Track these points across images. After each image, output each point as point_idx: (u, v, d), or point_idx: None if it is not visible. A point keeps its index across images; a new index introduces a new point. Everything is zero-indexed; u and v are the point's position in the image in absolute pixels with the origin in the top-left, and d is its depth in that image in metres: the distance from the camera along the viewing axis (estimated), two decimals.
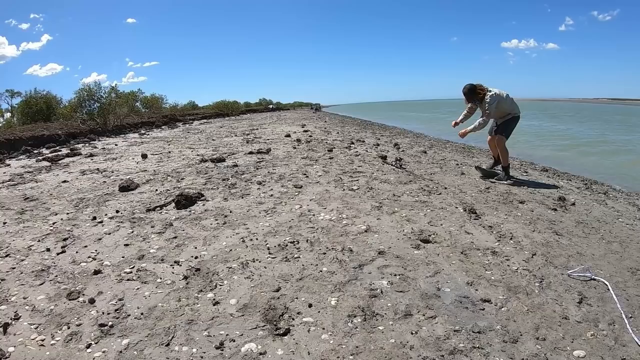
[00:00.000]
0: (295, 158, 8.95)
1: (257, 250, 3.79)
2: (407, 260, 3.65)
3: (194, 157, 9.21)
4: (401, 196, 5.85)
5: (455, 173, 8.09)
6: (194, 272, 3.31)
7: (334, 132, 17.57)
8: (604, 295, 3.24)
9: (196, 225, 4.45)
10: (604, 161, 14.30)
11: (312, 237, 4.14)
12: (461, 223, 4.78)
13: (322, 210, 5.06)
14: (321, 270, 3.40)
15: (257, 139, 13.66)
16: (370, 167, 8.10)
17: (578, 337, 2.65)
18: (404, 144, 13.52)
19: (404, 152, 11.34)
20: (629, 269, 3.82)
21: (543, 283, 3.40)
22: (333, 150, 10.46)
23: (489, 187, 6.85)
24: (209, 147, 11.66)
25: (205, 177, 6.88)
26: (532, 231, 4.71)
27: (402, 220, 4.78)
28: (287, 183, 6.39)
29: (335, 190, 6.01)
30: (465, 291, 3.16)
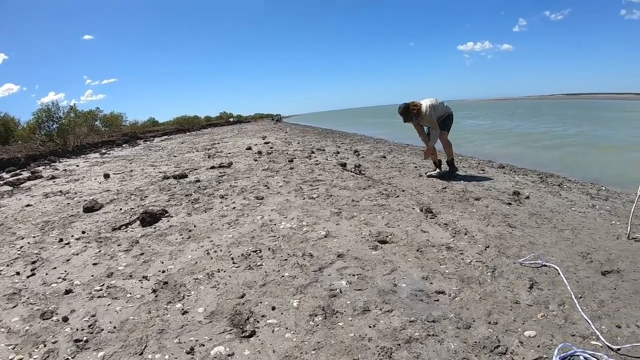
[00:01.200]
0: (257, 170, 9.05)
1: (222, 260, 3.91)
2: (365, 261, 3.82)
3: (157, 175, 9.21)
4: (360, 201, 6.02)
5: (413, 175, 8.33)
6: (162, 285, 3.41)
7: (294, 143, 17.67)
8: (555, 279, 3.48)
9: (162, 241, 4.53)
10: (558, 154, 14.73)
11: (273, 245, 4.27)
12: (417, 223, 4.97)
13: (283, 219, 5.19)
14: (283, 276, 3.54)
15: (219, 153, 13.68)
16: (330, 175, 8.27)
17: (529, 319, 2.85)
18: (363, 151, 13.70)
19: (364, 158, 11.52)
20: (580, 253, 4.09)
21: (495, 272, 3.61)
22: (294, 160, 10.60)
23: (446, 187, 7.08)
24: (170, 163, 11.64)
25: (169, 193, 6.93)
26: (487, 225, 4.93)
27: (361, 223, 4.95)
28: (249, 195, 6.49)
29: (295, 200, 6.15)
30: (420, 285, 3.33)
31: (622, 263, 3.86)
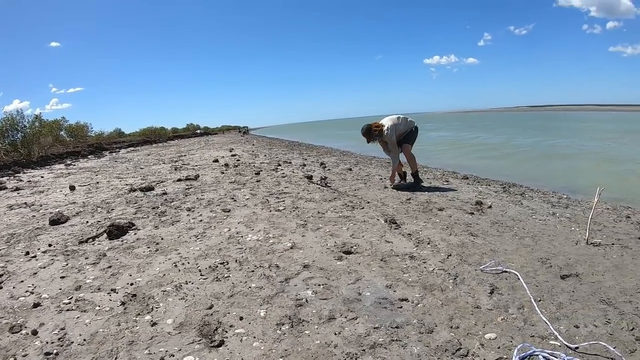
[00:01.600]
0: (224, 183, 9.06)
1: (189, 273, 3.92)
2: (330, 271, 3.89)
3: (123, 187, 9.13)
4: (325, 213, 6.10)
5: (378, 187, 8.43)
6: (130, 297, 3.42)
7: (261, 155, 17.70)
8: (515, 284, 3.60)
9: (129, 254, 4.52)
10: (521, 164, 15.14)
11: (240, 257, 4.31)
12: (382, 233, 5.06)
13: (250, 231, 5.23)
14: (250, 287, 3.58)
15: (186, 166, 13.64)
16: (297, 187, 8.33)
17: (489, 322, 2.95)
18: (330, 163, 13.83)
19: (330, 170, 11.63)
20: (539, 259, 4.25)
21: (457, 279, 3.71)
22: (260, 173, 10.62)
23: (410, 198, 7.19)
24: (137, 176, 11.55)
25: (135, 206, 6.89)
26: (449, 235, 5.05)
27: (326, 235, 5.03)
28: (216, 208, 6.51)
29: (262, 212, 6.19)
30: (384, 293, 3.41)
31: (580, 267, 4.03)
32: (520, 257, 4.34)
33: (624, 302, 3.31)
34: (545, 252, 4.51)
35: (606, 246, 4.72)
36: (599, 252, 4.53)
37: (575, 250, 4.57)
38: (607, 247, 4.68)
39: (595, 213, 5.57)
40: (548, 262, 4.16)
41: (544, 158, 17.54)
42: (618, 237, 5.14)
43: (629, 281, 3.72)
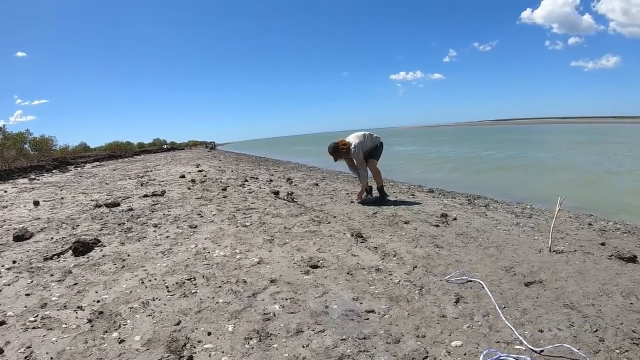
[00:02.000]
0: (190, 199, 9.01)
1: (156, 289, 3.89)
2: (297, 285, 3.90)
3: (88, 203, 8.99)
4: (292, 228, 6.11)
5: (345, 202, 8.49)
6: (97, 315, 3.37)
7: (228, 171, 17.66)
8: (480, 293, 3.67)
9: (95, 271, 4.46)
10: (486, 177, 15.42)
11: (207, 273, 4.29)
12: (348, 247, 5.10)
13: (217, 247, 5.21)
14: (218, 302, 3.57)
15: (152, 181, 13.50)
16: (263, 202, 8.33)
17: (455, 330, 3.00)
18: (296, 178, 13.85)
19: (297, 186, 11.65)
20: (504, 267, 4.34)
21: (423, 290, 3.76)
22: (227, 189, 10.60)
23: (376, 212, 7.26)
24: (103, 191, 11.38)
25: (101, 222, 6.80)
26: (415, 247, 5.10)
27: (293, 250, 5.04)
28: (183, 224, 6.48)
29: (229, 228, 6.18)
30: (351, 306, 3.44)
31: (544, 274, 4.14)
32: (485, 266, 4.42)
33: (587, 305, 3.42)
34: (510, 260, 4.60)
35: (569, 253, 4.87)
36: (562, 259, 4.66)
37: (538, 258, 4.67)
38: (570, 254, 4.82)
39: (558, 222, 5.71)
40: (512, 271, 4.25)
41: (508, 170, 17.91)
42: (580, 244, 5.29)
43: (592, 285, 3.85)
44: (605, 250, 5.10)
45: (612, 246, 5.26)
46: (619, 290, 3.76)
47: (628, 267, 4.41)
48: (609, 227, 6.72)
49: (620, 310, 3.36)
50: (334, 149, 8.14)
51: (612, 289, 3.78)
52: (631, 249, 4.99)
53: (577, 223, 6.79)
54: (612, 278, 4.07)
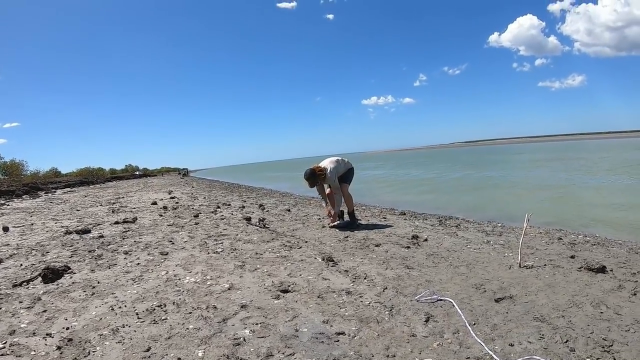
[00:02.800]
0: (162, 226, 8.93)
1: (126, 316, 3.84)
2: (267, 310, 3.87)
3: (59, 229, 8.84)
4: (263, 254, 6.09)
5: (317, 227, 8.50)
6: (66, 342, 3.31)
7: (200, 197, 17.58)
8: (450, 311, 3.70)
9: (65, 298, 4.39)
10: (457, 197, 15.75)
11: (178, 299, 4.24)
12: (319, 271, 5.11)
13: (188, 274, 5.16)
14: (188, 328, 3.53)
15: (123, 208, 13.34)
16: (235, 229, 8.29)
17: (425, 349, 3.01)
18: (269, 205, 13.82)
19: (269, 212, 11.63)
20: (474, 285, 4.39)
21: (393, 311, 3.77)
22: (199, 215, 10.54)
23: (348, 236, 7.29)
24: (73, 218, 11.21)
25: (71, 249, 6.70)
26: (385, 269, 5.13)
27: (264, 275, 5.02)
28: (154, 251, 6.41)
29: (200, 254, 6.13)
30: (321, 328, 3.43)
31: (514, 289, 4.21)
32: (455, 285, 4.46)
33: (557, 317, 3.50)
34: (480, 278, 4.66)
35: (538, 267, 4.99)
36: (532, 273, 4.76)
37: (508, 274, 4.75)
38: (540, 269, 4.94)
39: (528, 238, 5.82)
40: (482, 288, 4.30)
41: (479, 190, 18.22)
42: (550, 258, 5.41)
43: (562, 297, 3.95)
44: (574, 262, 5.23)
45: (581, 258, 5.41)
46: (589, 300, 3.87)
47: (597, 278, 4.56)
48: (579, 240, 6.89)
49: (590, 319, 3.45)
50: (311, 175, 8.09)
51: (582, 300, 3.88)
52: (600, 260, 5.18)
53: (547, 238, 6.92)
54: (581, 289, 4.19)
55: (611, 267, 5.05)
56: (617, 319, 3.48)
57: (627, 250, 6.30)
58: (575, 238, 7.20)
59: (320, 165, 8.26)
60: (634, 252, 6.12)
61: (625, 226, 8.81)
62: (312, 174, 8.08)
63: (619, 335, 3.18)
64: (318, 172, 8.07)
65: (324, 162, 8.36)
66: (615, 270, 4.92)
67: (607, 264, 5.00)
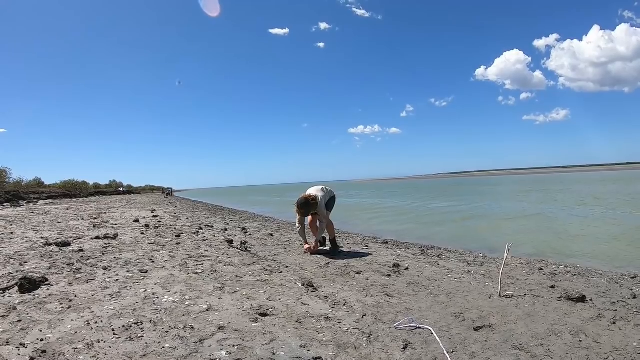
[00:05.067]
0: (143, 243, 8.83)
1: (102, 331, 3.77)
2: (245, 333, 3.84)
3: (38, 240, 8.70)
4: (244, 277, 6.05)
5: (298, 253, 8.48)
6: (40, 353, 3.25)
7: (183, 218, 17.50)
8: (428, 339, 3.71)
9: (41, 309, 4.31)
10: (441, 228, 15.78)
11: (155, 317, 4.18)
12: (299, 296, 5.08)
13: (166, 292, 5.11)
14: (164, 347, 3.48)
15: (105, 224, 13.16)
16: (216, 251, 8.24)
17: None
18: (252, 228, 13.83)
19: (251, 235, 11.62)
20: (453, 314, 4.41)
21: (371, 337, 3.76)
22: (181, 235, 10.46)
23: (329, 263, 7.30)
24: (54, 230, 11.03)
25: (50, 261, 6.58)
26: (365, 296, 5.14)
27: (243, 298, 4.98)
28: (133, 268, 6.33)
29: (179, 274, 6.07)
30: (298, 353, 3.40)
31: (493, 318, 4.24)
32: (435, 313, 4.48)
33: (536, 345, 3.54)
34: (460, 307, 4.68)
35: (519, 297, 5.04)
36: (512, 303, 4.80)
37: (488, 304, 4.78)
38: (520, 298, 4.99)
39: (509, 268, 5.85)
40: (462, 316, 4.32)
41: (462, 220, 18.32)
42: (530, 288, 5.47)
43: (541, 326, 3.98)
44: (555, 292, 5.30)
45: (561, 288, 5.49)
46: (568, 329, 3.91)
47: (577, 307, 4.62)
48: (560, 270, 6.98)
49: (569, 347, 3.49)
50: (305, 204, 8.01)
51: (561, 329, 3.92)
52: (580, 290, 5.25)
53: (528, 268, 6.99)
54: (561, 318, 4.23)
55: (591, 296, 5.16)
56: (596, 347, 3.53)
57: (607, 280, 6.43)
58: (556, 268, 7.29)
59: (310, 193, 8.25)
60: (614, 282, 6.26)
61: (605, 257, 9.02)
62: (306, 203, 8.02)
63: None
64: (311, 200, 8.02)
65: (311, 190, 8.40)
66: (595, 300, 5.02)
67: (587, 294, 5.09)
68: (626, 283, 6.30)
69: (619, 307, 4.79)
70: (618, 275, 6.98)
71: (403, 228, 16.23)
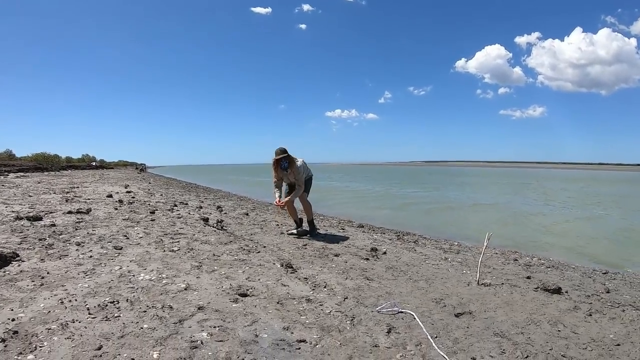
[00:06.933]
0: (117, 219, 8.68)
1: (77, 311, 3.66)
2: (225, 313, 3.77)
3: (9, 214, 8.49)
4: (221, 255, 5.97)
5: (275, 233, 8.44)
6: (11, 334, 3.14)
7: (157, 194, 17.32)
8: (411, 324, 3.70)
9: (11, 287, 4.17)
10: (416, 214, 15.87)
11: (132, 296, 4.08)
12: (278, 277, 5.02)
13: (142, 270, 5.00)
14: (142, 327, 3.40)
15: (77, 198, 12.95)
16: (192, 229, 8.14)
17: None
18: (227, 207, 13.72)
19: (227, 214, 11.51)
20: (434, 299, 4.42)
21: (354, 320, 3.73)
22: (155, 212, 10.32)
23: (306, 244, 7.27)
24: (25, 203, 10.80)
25: (21, 235, 6.40)
26: (345, 279, 5.11)
27: (222, 277, 4.90)
28: (107, 244, 6.19)
29: (155, 252, 5.96)
30: (281, 335, 3.36)
31: (473, 305, 4.26)
32: (415, 298, 4.48)
33: (516, 333, 3.57)
34: (439, 293, 4.69)
35: (496, 286, 5.08)
36: (490, 291, 4.84)
37: (467, 291, 4.80)
38: (498, 287, 5.04)
39: (485, 257, 5.84)
40: (442, 302, 4.33)
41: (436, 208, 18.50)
42: (507, 278, 5.52)
43: (520, 315, 4.03)
44: (531, 283, 5.37)
45: (537, 279, 5.58)
46: (546, 319, 3.97)
47: (554, 298, 4.68)
48: (534, 262, 7.07)
49: (548, 337, 3.53)
50: (284, 151, 7.89)
51: (539, 318, 3.97)
52: (556, 282, 5.33)
53: (503, 259, 7.05)
54: (538, 308, 4.29)
55: (566, 288, 5.22)
56: (575, 338, 3.58)
57: (580, 274, 6.53)
58: (530, 260, 7.39)
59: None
60: (587, 277, 6.36)
61: (575, 252, 9.23)
62: (285, 151, 7.91)
63: (577, 352, 3.27)
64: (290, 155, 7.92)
65: (297, 157, 8.19)
66: (570, 292, 5.08)
67: (562, 286, 5.15)
68: (599, 278, 6.42)
69: (594, 300, 4.86)
70: (590, 270, 7.14)
71: (377, 213, 16.35)
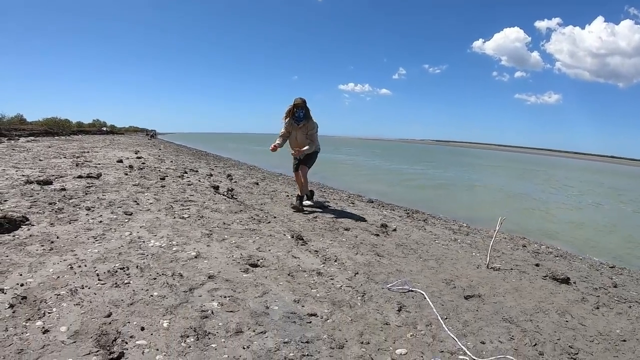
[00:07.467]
0: (127, 185, 8.66)
1: (86, 276, 3.65)
2: (236, 283, 3.76)
3: (19, 178, 8.42)
4: (231, 224, 5.96)
5: (285, 204, 8.40)
6: (20, 300, 3.13)
7: (167, 161, 17.27)
8: (421, 303, 3.71)
9: (21, 251, 4.15)
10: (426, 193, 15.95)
11: (142, 263, 4.07)
12: (289, 248, 5.01)
13: (153, 237, 4.98)
14: (152, 295, 3.39)
15: (88, 163, 12.84)
16: (202, 196, 8.11)
17: (399, 338, 2.99)
18: (237, 176, 13.67)
19: (237, 183, 11.48)
20: (444, 280, 4.43)
21: (365, 296, 3.74)
22: (166, 178, 10.29)
23: (317, 216, 7.26)
24: (35, 167, 10.70)
25: (31, 200, 6.38)
26: (356, 254, 5.10)
27: (232, 246, 4.89)
28: (117, 210, 6.17)
29: (166, 218, 5.95)
30: (292, 308, 3.35)
31: (482, 289, 4.27)
32: (425, 277, 4.48)
33: (525, 320, 3.58)
34: (449, 274, 4.69)
35: (505, 271, 5.09)
36: (499, 275, 4.84)
37: (477, 274, 4.80)
38: (507, 272, 5.04)
39: (494, 241, 5.80)
40: (452, 284, 4.34)
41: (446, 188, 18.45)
42: (516, 263, 5.52)
43: (528, 302, 4.03)
44: (539, 270, 5.37)
45: (546, 267, 5.58)
46: (555, 308, 3.97)
47: (562, 288, 4.68)
48: (542, 250, 7.09)
49: (556, 326, 3.54)
50: (304, 102, 7.75)
51: (548, 307, 3.97)
52: (564, 272, 5.32)
53: (512, 244, 7.06)
54: (547, 297, 4.28)
55: (574, 279, 5.22)
56: (582, 329, 3.58)
57: (588, 266, 6.57)
58: (538, 248, 7.42)
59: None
60: (594, 269, 6.40)
61: (583, 243, 9.27)
62: (305, 102, 7.77)
63: (585, 345, 3.26)
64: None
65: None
66: (578, 283, 5.09)
67: (570, 276, 5.14)
68: (606, 271, 6.45)
69: (601, 293, 4.85)
70: (597, 263, 7.18)
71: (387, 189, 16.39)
